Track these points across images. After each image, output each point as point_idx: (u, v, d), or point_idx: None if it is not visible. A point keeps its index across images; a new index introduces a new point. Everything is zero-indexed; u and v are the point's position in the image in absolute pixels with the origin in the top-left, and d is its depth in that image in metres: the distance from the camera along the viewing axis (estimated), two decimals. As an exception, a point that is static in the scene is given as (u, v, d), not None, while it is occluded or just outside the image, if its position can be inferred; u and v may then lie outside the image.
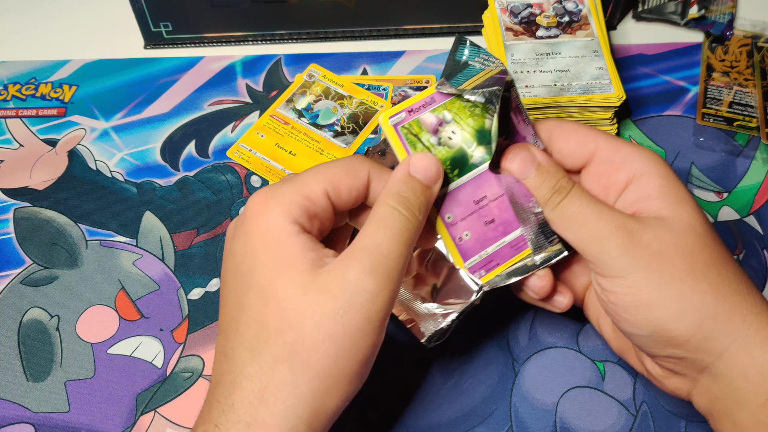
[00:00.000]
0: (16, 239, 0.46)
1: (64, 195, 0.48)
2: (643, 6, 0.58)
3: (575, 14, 0.51)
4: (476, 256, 0.34)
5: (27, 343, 0.42)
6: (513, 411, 0.39)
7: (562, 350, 0.41)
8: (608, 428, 0.38)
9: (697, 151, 0.49)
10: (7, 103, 0.53)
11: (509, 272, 0.34)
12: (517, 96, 0.33)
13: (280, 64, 0.55)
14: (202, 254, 0.45)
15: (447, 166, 0.32)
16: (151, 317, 0.42)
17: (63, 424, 0.39)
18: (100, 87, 0.54)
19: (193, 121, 0.52)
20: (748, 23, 0.56)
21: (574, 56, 0.48)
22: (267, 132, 0.50)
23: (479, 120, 0.33)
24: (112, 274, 0.44)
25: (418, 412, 0.39)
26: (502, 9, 0.51)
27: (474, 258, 0.34)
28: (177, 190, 0.48)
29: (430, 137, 0.32)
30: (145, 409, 0.39)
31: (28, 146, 0.51)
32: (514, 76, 0.47)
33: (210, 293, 0.43)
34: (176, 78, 0.55)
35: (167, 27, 0.56)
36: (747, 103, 0.51)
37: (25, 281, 0.44)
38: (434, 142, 0.32)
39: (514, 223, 0.34)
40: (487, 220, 0.34)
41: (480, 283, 0.34)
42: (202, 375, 0.40)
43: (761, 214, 0.46)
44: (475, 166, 0.33)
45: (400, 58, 0.56)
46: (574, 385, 0.39)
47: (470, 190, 0.33)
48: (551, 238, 0.34)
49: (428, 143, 0.32)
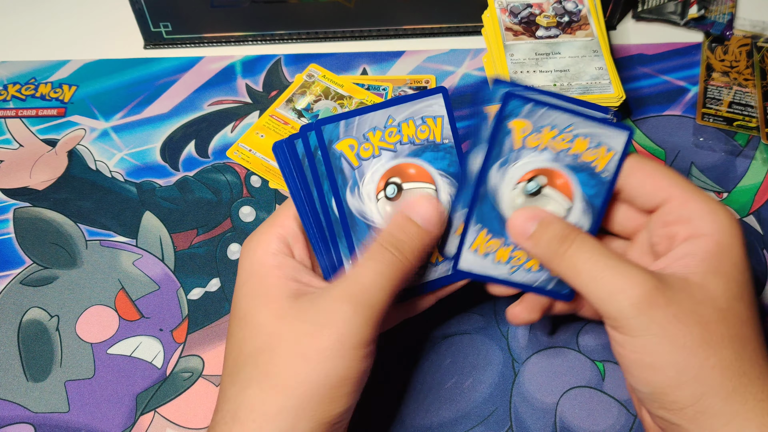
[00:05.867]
0: (15, 239, 0.46)
1: (64, 195, 0.48)
2: (642, 6, 0.58)
3: (575, 14, 0.51)
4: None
5: (27, 343, 0.42)
6: (513, 411, 0.39)
7: (562, 350, 0.41)
8: (608, 428, 0.38)
9: (696, 151, 0.49)
10: (7, 103, 0.53)
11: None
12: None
13: (279, 64, 0.55)
14: (201, 254, 0.45)
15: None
16: (151, 317, 0.42)
17: (63, 424, 0.39)
18: (100, 87, 0.54)
19: (193, 121, 0.52)
20: (747, 23, 0.56)
21: (574, 56, 0.48)
22: (267, 132, 0.50)
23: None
24: (112, 274, 0.44)
25: (418, 412, 0.39)
26: (502, 9, 0.51)
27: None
28: (177, 190, 0.48)
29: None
30: (144, 409, 0.39)
31: (28, 146, 0.51)
32: (514, 76, 0.47)
33: (210, 293, 0.43)
34: (176, 78, 0.55)
35: (167, 27, 0.56)
36: (747, 103, 0.51)
37: (25, 281, 0.44)
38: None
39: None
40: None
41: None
42: (201, 375, 0.40)
43: (761, 214, 0.46)
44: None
45: (400, 58, 0.56)
46: (574, 385, 0.39)
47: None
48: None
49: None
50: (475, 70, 0.54)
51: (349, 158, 0.33)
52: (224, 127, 0.51)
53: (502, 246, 0.34)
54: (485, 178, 0.33)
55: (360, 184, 0.33)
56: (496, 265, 0.34)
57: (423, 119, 0.33)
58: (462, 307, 0.42)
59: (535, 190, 0.33)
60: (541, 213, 0.32)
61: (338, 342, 0.29)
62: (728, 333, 0.29)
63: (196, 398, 0.39)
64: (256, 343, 0.30)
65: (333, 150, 0.32)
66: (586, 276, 0.30)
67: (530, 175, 0.33)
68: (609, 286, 0.29)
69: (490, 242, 0.33)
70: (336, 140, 0.32)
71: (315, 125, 0.32)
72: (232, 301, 0.33)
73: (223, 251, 0.45)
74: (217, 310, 0.43)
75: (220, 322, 0.42)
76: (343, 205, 0.33)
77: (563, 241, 0.31)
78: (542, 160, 0.33)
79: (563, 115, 0.32)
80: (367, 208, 0.33)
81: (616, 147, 0.33)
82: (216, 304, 0.43)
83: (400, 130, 0.33)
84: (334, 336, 0.29)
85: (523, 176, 0.33)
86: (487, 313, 0.42)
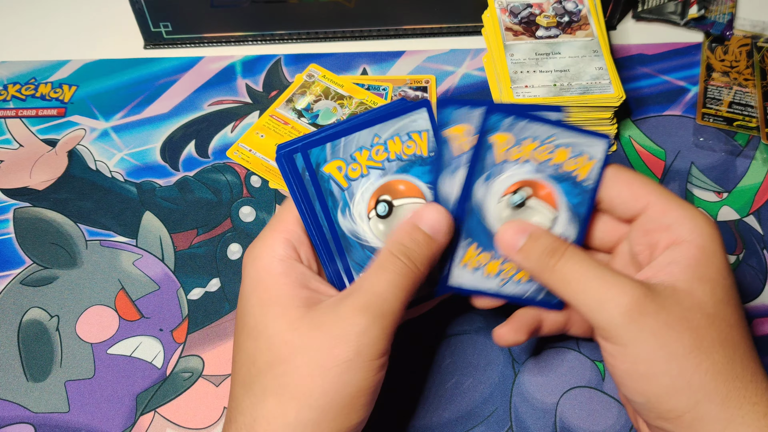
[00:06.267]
0: (16, 239, 0.46)
1: (64, 195, 0.48)
2: (642, 6, 0.58)
3: (575, 14, 0.51)
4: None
5: (27, 343, 0.42)
6: (513, 411, 0.39)
7: (562, 350, 0.41)
8: (608, 428, 0.38)
9: (697, 151, 0.49)
10: (7, 103, 0.53)
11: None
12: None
13: (279, 64, 0.55)
14: (202, 254, 0.45)
15: None
16: (151, 317, 0.42)
17: (63, 424, 0.39)
18: (99, 87, 0.54)
19: (193, 121, 0.52)
20: (747, 23, 0.56)
21: (574, 56, 0.48)
22: (267, 132, 0.50)
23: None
24: (112, 274, 0.44)
25: (418, 412, 0.39)
26: (502, 9, 0.51)
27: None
28: (177, 190, 0.48)
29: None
30: (144, 409, 0.39)
31: (28, 146, 0.51)
32: (514, 76, 0.47)
33: (210, 293, 0.43)
34: (176, 78, 0.55)
35: (167, 27, 0.56)
36: (747, 103, 0.51)
37: (25, 281, 0.44)
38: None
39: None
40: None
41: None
42: (201, 375, 0.40)
43: (761, 214, 0.46)
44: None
45: (400, 58, 0.56)
46: (574, 385, 0.39)
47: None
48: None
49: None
50: (475, 70, 0.54)
51: (338, 180, 0.32)
52: (224, 127, 0.51)
53: (491, 260, 0.34)
54: (470, 193, 0.33)
55: (351, 204, 0.33)
56: (486, 279, 0.34)
57: (409, 134, 0.33)
58: (462, 307, 0.42)
59: (521, 201, 0.33)
60: (529, 226, 0.32)
61: (357, 354, 0.29)
62: (718, 338, 0.29)
63: (196, 398, 0.39)
64: (271, 355, 0.30)
65: (321, 173, 0.32)
66: (575, 286, 0.30)
67: (514, 187, 0.33)
68: (598, 295, 0.29)
69: (479, 256, 0.34)
70: (323, 163, 0.32)
71: (301, 148, 0.32)
72: (238, 311, 0.32)
73: (223, 251, 0.45)
74: (217, 310, 0.43)
75: (220, 322, 0.42)
76: (335, 227, 0.33)
77: (553, 254, 0.31)
78: (525, 172, 0.33)
79: (543, 127, 0.32)
80: (360, 228, 0.33)
81: (596, 155, 0.33)
82: (216, 304, 0.43)
83: (387, 147, 0.33)
84: (353, 348, 0.29)
85: (508, 189, 0.33)
86: (487, 313, 0.42)
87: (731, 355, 0.29)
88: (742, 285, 0.43)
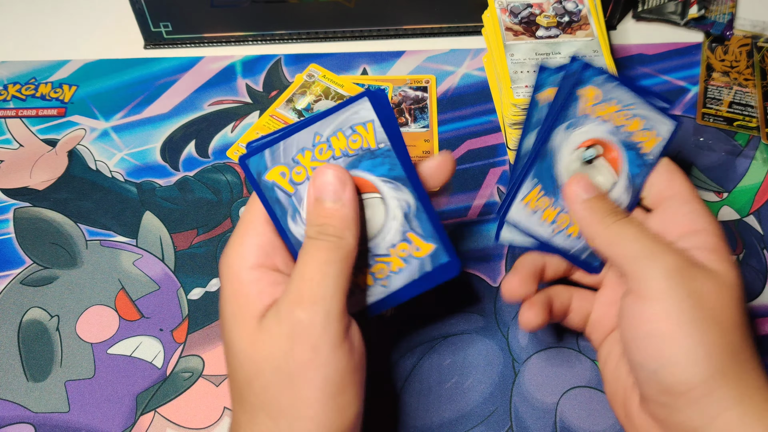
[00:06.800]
0: (16, 239, 0.46)
1: (64, 195, 0.48)
2: (643, 6, 0.58)
3: (575, 14, 0.51)
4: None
5: (27, 343, 0.42)
6: (513, 411, 0.39)
7: (562, 350, 0.41)
8: (608, 428, 0.38)
9: (697, 151, 0.49)
10: (7, 103, 0.53)
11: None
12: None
13: (280, 64, 0.55)
14: (202, 254, 0.45)
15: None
16: (151, 317, 0.42)
17: (63, 424, 0.39)
18: (100, 87, 0.54)
19: (193, 121, 0.52)
20: (747, 23, 0.56)
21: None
22: (267, 132, 0.50)
23: None
24: (112, 274, 0.44)
25: (418, 412, 0.39)
26: (502, 9, 0.51)
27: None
28: (177, 190, 0.48)
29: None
30: (145, 409, 0.39)
31: (28, 146, 0.51)
32: (514, 76, 0.47)
33: (210, 293, 0.43)
34: (176, 78, 0.55)
35: (167, 27, 0.56)
36: (747, 103, 0.51)
37: (25, 281, 0.44)
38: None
39: None
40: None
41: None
42: (201, 375, 0.40)
43: (761, 213, 0.46)
44: None
45: (400, 58, 0.56)
46: (574, 385, 0.39)
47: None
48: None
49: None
50: (475, 70, 0.54)
51: (283, 186, 0.31)
52: (224, 127, 0.51)
53: (550, 206, 0.35)
54: (550, 137, 0.34)
55: (300, 210, 0.31)
56: (540, 224, 0.35)
57: (352, 128, 0.31)
58: (462, 307, 0.42)
59: (591, 158, 0.34)
60: (597, 188, 0.34)
61: (312, 350, 0.28)
62: (738, 320, 0.30)
63: (196, 398, 0.39)
64: (244, 373, 0.29)
65: (264, 182, 0.31)
66: (626, 244, 0.31)
67: (589, 143, 0.34)
68: (647, 251, 0.31)
69: (540, 199, 0.34)
70: (264, 171, 0.31)
71: (239, 159, 0.30)
72: (219, 322, 0.32)
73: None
74: (217, 309, 0.43)
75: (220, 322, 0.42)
76: (288, 236, 0.31)
77: (614, 213, 0.33)
78: (602, 131, 0.34)
79: (628, 93, 0.34)
80: None
81: (663, 133, 0.35)
82: (216, 304, 0.43)
83: (331, 145, 0.31)
84: (307, 346, 0.28)
85: (583, 143, 0.34)
86: (487, 313, 0.42)
87: (745, 339, 0.30)
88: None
